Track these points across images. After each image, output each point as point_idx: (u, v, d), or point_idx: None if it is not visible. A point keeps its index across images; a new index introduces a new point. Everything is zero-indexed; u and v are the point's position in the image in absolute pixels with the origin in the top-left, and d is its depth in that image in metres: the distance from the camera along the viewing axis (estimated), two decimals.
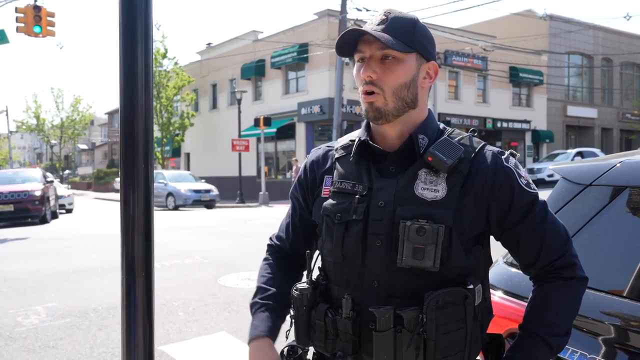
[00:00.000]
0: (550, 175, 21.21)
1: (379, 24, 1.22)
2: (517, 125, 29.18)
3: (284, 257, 1.49)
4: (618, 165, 1.80)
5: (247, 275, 6.73)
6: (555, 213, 1.87)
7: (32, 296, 5.95)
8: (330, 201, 1.29)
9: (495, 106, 28.30)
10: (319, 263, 1.38)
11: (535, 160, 29.01)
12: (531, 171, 23.98)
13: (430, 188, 1.20)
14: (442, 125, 1.31)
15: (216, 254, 8.53)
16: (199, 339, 4.45)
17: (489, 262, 1.29)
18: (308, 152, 1.48)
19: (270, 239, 1.54)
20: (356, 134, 1.35)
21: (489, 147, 1.26)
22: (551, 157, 24.58)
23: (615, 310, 1.56)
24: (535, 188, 1.26)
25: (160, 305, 5.29)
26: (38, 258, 8.52)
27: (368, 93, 1.22)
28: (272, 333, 1.33)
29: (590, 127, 33.42)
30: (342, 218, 1.25)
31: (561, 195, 1.91)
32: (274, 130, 23.50)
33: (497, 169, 1.22)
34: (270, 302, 1.37)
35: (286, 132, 24.61)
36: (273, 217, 15.14)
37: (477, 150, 1.23)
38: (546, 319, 1.24)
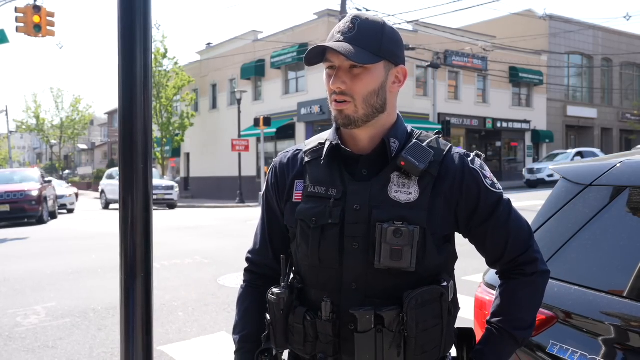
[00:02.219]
0: (550, 176, 21.23)
1: (346, 33, 1.22)
2: (517, 125, 29.16)
3: (262, 277, 1.46)
4: (618, 165, 1.80)
5: None
6: (555, 213, 1.87)
7: (32, 296, 5.95)
8: (304, 205, 1.30)
9: (495, 106, 28.29)
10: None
11: (535, 160, 29.01)
12: (531, 171, 23.98)
13: (403, 191, 1.24)
14: (409, 128, 1.34)
15: (216, 254, 8.53)
16: (199, 339, 4.45)
17: (455, 258, 1.35)
18: None
19: (248, 259, 1.49)
20: (325, 136, 1.36)
21: (455, 150, 1.31)
22: (551, 157, 24.57)
23: (616, 311, 1.56)
24: (500, 187, 1.32)
25: (160, 305, 5.29)
26: (38, 258, 8.52)
27: (339, 101, 1.24)
28: None
29: (590, 127, 33.44)
30: (317, 222, 1.26)
31: (561, 195, 1.90)
32: (274, 130, 23.50)
33: (464, 171, 1.27)
34: (247, 345, 1.41)
35: (286, 132, 24.61)
36: None
37: (445, 153, 1.28)
38: (511, 315, 1.32)
